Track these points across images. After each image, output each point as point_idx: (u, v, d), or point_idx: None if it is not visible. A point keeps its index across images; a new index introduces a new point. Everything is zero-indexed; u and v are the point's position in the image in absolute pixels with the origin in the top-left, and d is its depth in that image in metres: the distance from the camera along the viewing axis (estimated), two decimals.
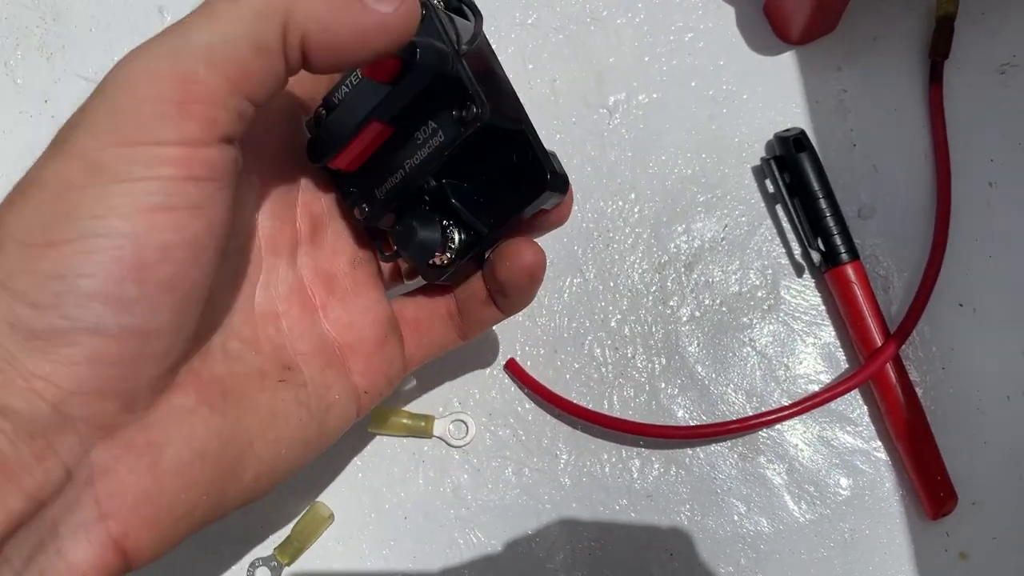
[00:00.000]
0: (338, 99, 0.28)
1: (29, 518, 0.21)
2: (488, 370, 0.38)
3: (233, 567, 0.37)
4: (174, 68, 0.21)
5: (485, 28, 0.42)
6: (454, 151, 0.27)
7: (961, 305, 0.38)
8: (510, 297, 0.30)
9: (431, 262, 0.29)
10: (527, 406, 0.38)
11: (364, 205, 0.29)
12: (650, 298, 0.39)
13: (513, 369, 0.38)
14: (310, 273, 0.29)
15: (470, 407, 0.38)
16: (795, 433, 0.38)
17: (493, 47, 0.42)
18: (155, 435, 0.23)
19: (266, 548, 0.37)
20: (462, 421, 0.38)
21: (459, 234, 0.29)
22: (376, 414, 0.38)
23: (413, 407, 0.38)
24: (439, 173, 0.28)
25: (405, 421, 0.38)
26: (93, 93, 0.22)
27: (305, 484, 0.38)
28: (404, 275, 0.32)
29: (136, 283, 0.21)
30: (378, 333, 0.30)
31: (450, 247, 0.29)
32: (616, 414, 0.38)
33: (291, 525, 0.37)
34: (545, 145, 0.28)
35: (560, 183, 0.28)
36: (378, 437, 0.38)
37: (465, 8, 0.28)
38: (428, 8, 0.26)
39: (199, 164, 0.22)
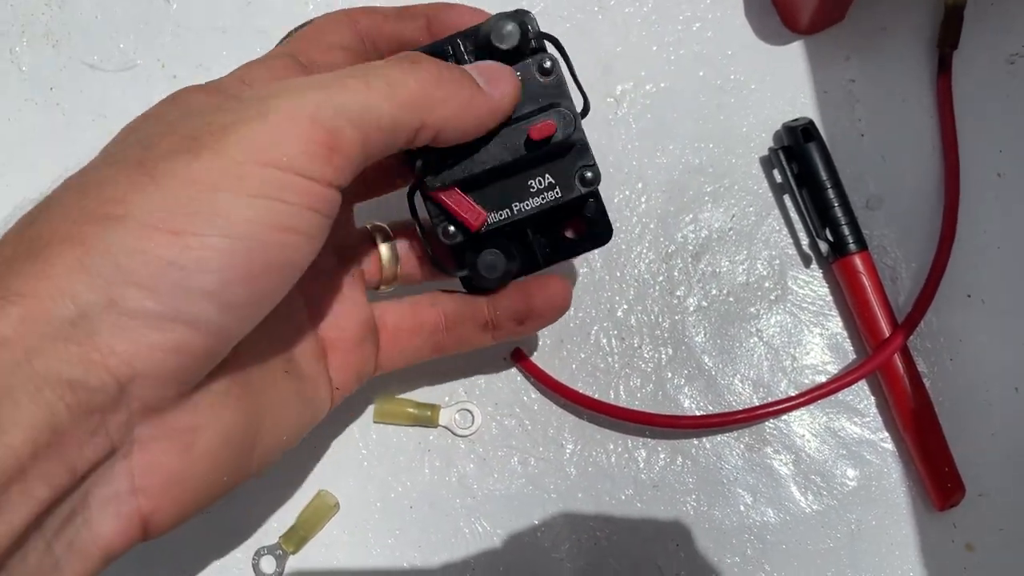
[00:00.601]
0: None
1: (70, 490, 0.22)
2: (494, 360, 0.38)
3: (238, 555, 0.37)
4: (332, 120, 0.24)
5: None
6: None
7: (969, 296, 0.38)
8: (526, 325, 0.32)
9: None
10: (533, 396, 0.38)
11: (457, 228, 0.30)
12: (657, 288, 0.39)
13: (519, 359, 0.38)
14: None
15: (476, 396, 0.38)
16: (802, 424, 0.37)
17: None
18: (195, 419, 0.24)
19: (271, 536, 0.37)
20: (468, 410, 0.38)
21: (519, 261, 0.32)
22: (381, 403, 0.37)
23: (419, 396, 0.38)
24: None
25: (411, 410, 0.37)
26: (250, 106, 0.24)
27: (311, 473, 0.38)
28: (384, 279, 0.33)
29: (245, 289, 0.23)
30: (356, 334, 0.31)
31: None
32: (622, 404, 0.38)
33: (296, 514, 0.37)
34: None
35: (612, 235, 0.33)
36: (383, 426, 0.38)
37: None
38: (557, 67, 0.30)
39: (322, 200, 0.24)
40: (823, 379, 0.37)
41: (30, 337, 0.20)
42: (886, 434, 0.37)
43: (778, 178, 0.39)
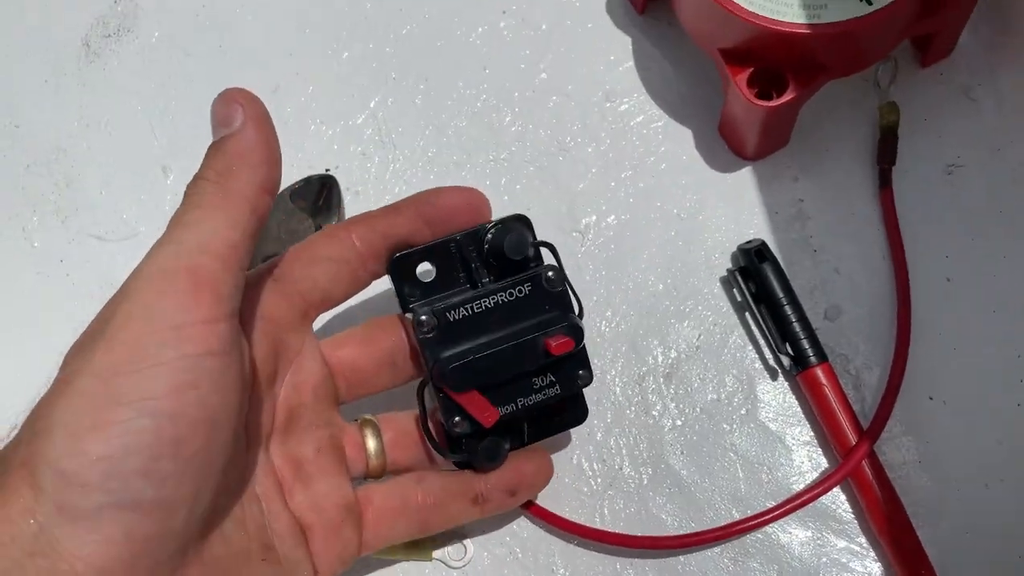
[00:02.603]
0: (456, 317, 0.33)
1: None
2: None
3: None
4: (180, 263, 0.26)
5: (461, 168, 0.46)
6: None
7: (931, 398, 0.39)
8: (517, 496, 0.35)
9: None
10: (522, 523, 0.40)
11: (465, 420, 0.33)
12: (633, 409, 0.41)
13: None
14: (280, 459, 0.32)
15: (467, 527, 0.40)
16: (783, 534, 0.38)
17: (471, 184, 0.46)
18: None
19: None
20: (460, 542, 0.39)
21: (509, 442, 0.35)
22: None
23: None
24: None
25: (404, 544, 0.39)
26: (118, 294, 0.26)
27: None
28: (370, 472, 0.35)
29: (171, 459, 0.24)
30: (336, 517, 0.32)
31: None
32: (608, 525, 0.39)
33: None
34: None
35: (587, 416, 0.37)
36: (375, 561, 0.39)
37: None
38: (563, 280, 0.34)
39: (215, 339, 0.26)
40: (799, 488, 0.39)
41: (3, 559, 0.22)
42: (865, 539, 0.38)
43: (738, 297, 0.41)
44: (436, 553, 0.39)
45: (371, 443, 0.34)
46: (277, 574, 0.30)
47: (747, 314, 0.41)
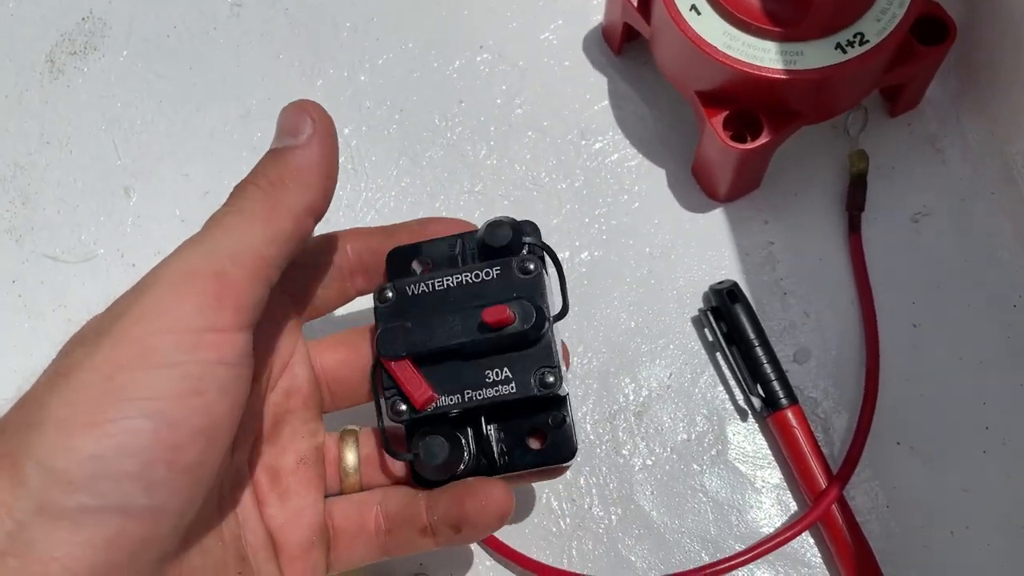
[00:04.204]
0: (414, 292, 0.31)
1: None
2: None
3: None
4: (209, 267, 0.25)
5: (435, 199, 0.45)
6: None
7: (899, 443, 0.39)
8: (463, 533, 0.30)
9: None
10: (488, 563, 0.39)
11: (405, 404, 0.30)
12: (603, 447, 0.40)
13: None
14: (258, 466, 0.30)
15: (431, 568, 0.38)
16: None
17: (444, 213, 0.45)
18: None
19: None
20: None
21: (470, 457, 0.31)
22: None
23: (375, 568, 0.38)
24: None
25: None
26: (137, 287, 0.25)
27: None
28: (344, 489, 0.33)
29: (166, 466, 0.23)
30: (307, 537, 0.31)
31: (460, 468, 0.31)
32: (576, 567, 0.38)
33: None
34: None
35: (575, 453, 0.31)
36: None
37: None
38: (539, 268, 0.31)
39: (230, 348, 0.24)
40: (768, 531, 0.38)
41: None
42: None
43: (709, 337, 0.41)
44: None
45: (349, 458, 0.33)
46: None
47: (718, 354, 0.41)
